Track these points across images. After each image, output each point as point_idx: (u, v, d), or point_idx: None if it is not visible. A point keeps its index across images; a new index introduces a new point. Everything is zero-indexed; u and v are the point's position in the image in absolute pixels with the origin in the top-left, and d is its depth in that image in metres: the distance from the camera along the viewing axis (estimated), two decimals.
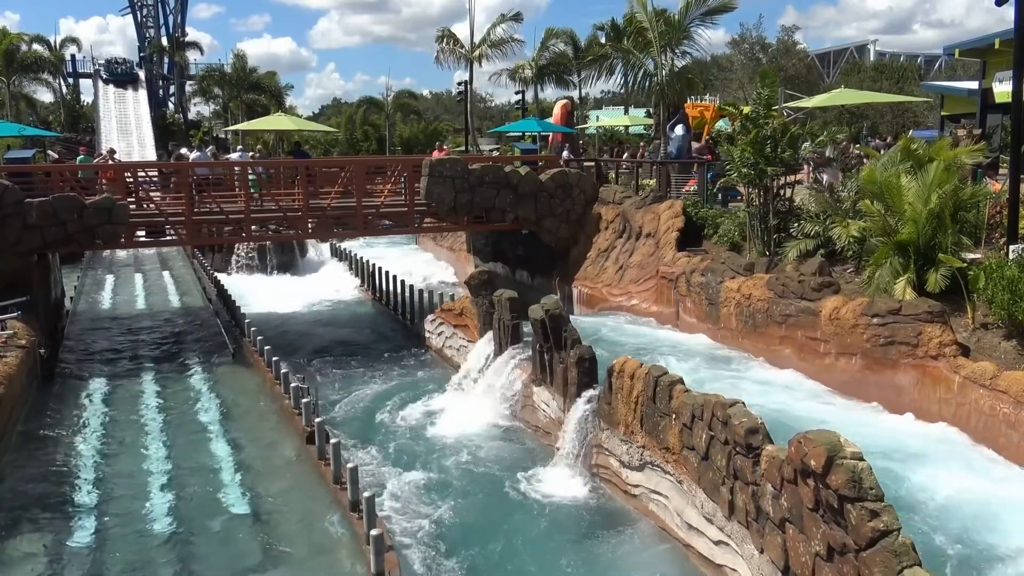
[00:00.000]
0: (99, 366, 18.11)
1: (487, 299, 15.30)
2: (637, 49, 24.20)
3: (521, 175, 21.21)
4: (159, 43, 65.61)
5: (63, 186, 18.66)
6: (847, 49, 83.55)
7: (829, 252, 15.01)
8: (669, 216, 19.12)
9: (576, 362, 11.75)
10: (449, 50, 42.54)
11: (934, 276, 12.30)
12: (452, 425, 13.46)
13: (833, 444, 6.57)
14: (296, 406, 12.89)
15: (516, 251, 24.23)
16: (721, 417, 8.33)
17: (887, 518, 6.17)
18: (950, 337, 11.34)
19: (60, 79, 58.63)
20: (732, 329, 15.41)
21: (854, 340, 12.54)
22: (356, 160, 27.06)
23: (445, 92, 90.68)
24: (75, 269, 30.44)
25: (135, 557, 9.65)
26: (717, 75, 52.92)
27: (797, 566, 7.10)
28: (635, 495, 10.33)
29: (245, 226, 20.24)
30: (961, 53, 26.76)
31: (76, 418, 14.58)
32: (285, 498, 11.09)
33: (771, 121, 16.14)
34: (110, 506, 11.01)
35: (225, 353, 18.65)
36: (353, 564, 9.06)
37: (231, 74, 57.09)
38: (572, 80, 48.02)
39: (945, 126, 29.45)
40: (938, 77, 53.58)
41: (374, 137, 59.08)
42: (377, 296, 24.69)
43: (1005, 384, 10.30)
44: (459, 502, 10.73)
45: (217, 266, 29.23)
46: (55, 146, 40.20)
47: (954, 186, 13.19)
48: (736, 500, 8.15)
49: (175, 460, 12.62)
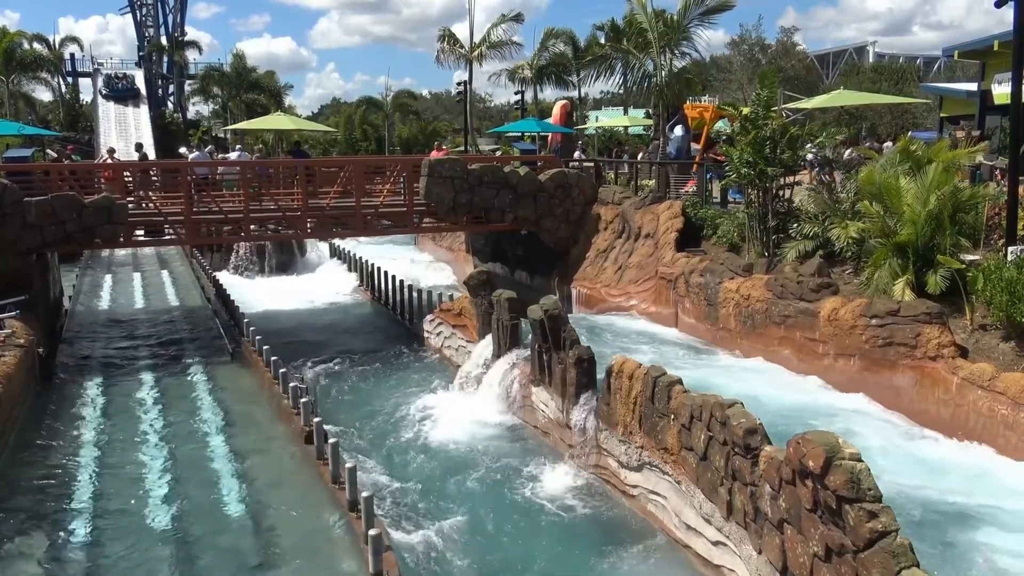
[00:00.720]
0: (97, 366, 18.08)
1: (486, 299, 15.30)
2: (637, 49, 24.25)
3: (520, 175, 21.22)
4: (158, 42, 65.58)
5: (62, 185, 18.66)
6: (846, 50, 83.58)
7: (828, 253, 15.02)
8: (668, 217, 19.13)
9: (575, 362, 11.75)
10: (449, 50, 42.59)
11: (933, 277, 12.31)
12: (450, 425, 13.46)
13: (831, 445, 6.57)
14: (295, 406, 12.89)
15: (515, 251, 24.23)
16: (720, 418, 8.33)
17: (885, 519, 6.18)
18: (949, 338, 11.35)
19: (59, 78, 58.62)
20: (731, 330, 15.41)
21: (853, 341, 12.55)
22: (355, 160, 27.07)
23: (445, 92, 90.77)
24: (73, 268, 30.42)
25: (133, 557, 9.63)
26: (716, 76, 52.96)
27: (795, 567, 7.11)
28: (633, 495, 10.33)
29: (244, 226, 20.24)
30: (960, 55, 26.79)
31: (74, 418, 14.56)
32: (283, 498, 11.08)
33: (770, 122, 16.15)
34: (108, 506, 10.99)
35: (224, 353, 18.64)
36: (351, 564, 9.06)
37: (230, 74, 57.09)
38: (571, 80, 48.13)
39: (944, 128, 29.48)
40: (937, 79, 53.57)
41: (373, 137, 59.08)
42: (376, 296, 24.69)
43: (1003, 385, 10.32)
44: (457, 502, 10.73)
45: (216, 266, 29.20)
46: (54, 145, 40.20)
47: (953, 187, 13.21)
48: (734, 501, 8.15)
49: (173, 460, 12.60)
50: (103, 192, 18.98)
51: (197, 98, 63.14)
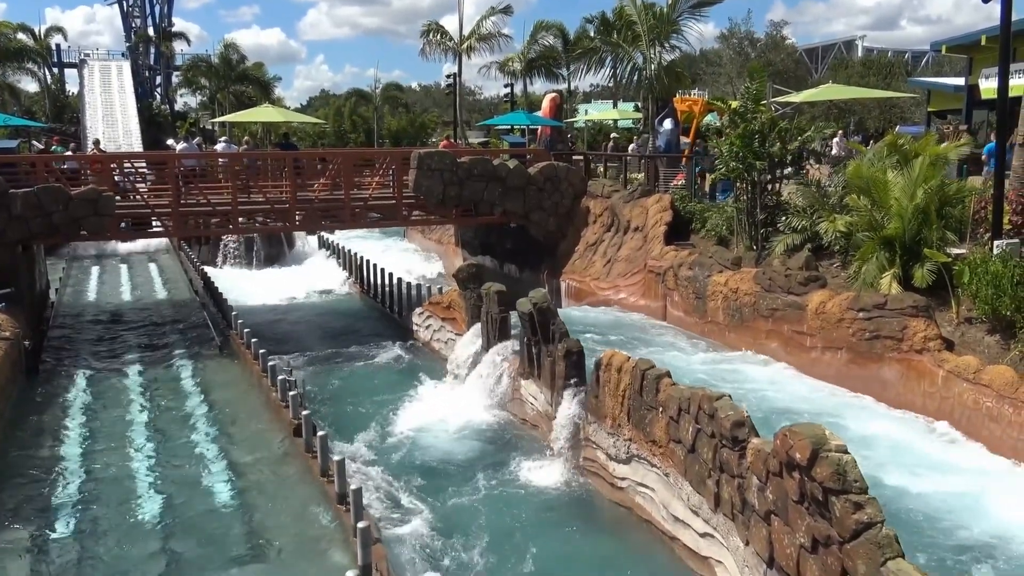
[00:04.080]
0: (84, 359, 17.99)
1: (475, 292, 15.29)
2: (626, 43, 24.25)
3: (510, 168, 21.20)
4: (145, 33, 65.03)
5: (48, 177, 18.52)
6: (835, 44, 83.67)
7: (816, 247, 15.08)
8: (657, 210, 19.15)
9: (564, 355, 11.76)
10: (436, 42, 42.44)
11: (920, 271, 12.38)
12: (439, 418, 13.45)
13: (818, 437, 6.61)
14: (283, 399, 12.85)
15: (504, 244, 24.22)
16: (707, 410, 8.36)
17: (871, 510, 6.22)
18: (935, 331, 11.43)
19: (45, 69, 58.08)
20: (719, 323, 15.47)
21: (840, 334, 12.62)
22: (344, 152, 26.98)
23: (434, 85, 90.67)
24: (60, 260, 30.22)
25: (121, 550, 9.60)
26: (705, 69, 53.00)
27: (782, 558, 7.15)
28: (622, 488, 10.36)
29: (232, 218, 20.15)
30: (948, 49, 26.91)
31: (61, 411, 14.48)
32: (272, 491, 11.07)
33: (759, 116, 16.19)
34: (95, 499, 10.95)
35: (212, 346, 18.57)
36: (340, 557, 9.06)
37: (218, 65, 56.68)
38: (561, 73, 48.04)
39: (932, 122, 29.62)
40: (925, 73, 53.79)
41: (362, 129, 58.88)
42: (365, 289, 24.64)
43: (988, 378, 10.41)
44: (446, 494, 10.73)
45: (204, 258, 29.08)
46: (40, 136, 39.88)
47: (940, 182, 13.28)
48: (722, 493, 8.19)
49: (161, 453, 12.56)
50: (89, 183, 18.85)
51: (184, 90, 62.71)
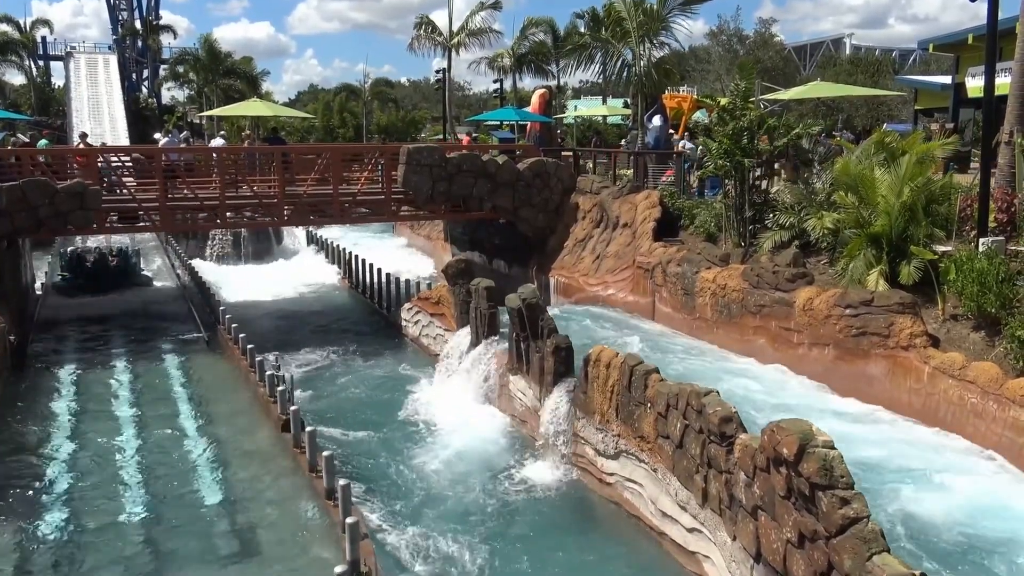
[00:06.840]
0: (70, 354, 17.88)
1: (464, 288, 15.28)
2: (616, 39, 24.24)
3: (499, 164, 21.17)
4: (132, 26, 64.51)
5: (33, 170, 18.36)
6: (823, 42, 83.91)
7: (804, 243, 15.13)
8: (646, 206, 19.17)
9: (552, 351, 11.79)
10: (426, 37, 42.33)
11: (906, 268, 12.45)
12: (428, 413, 13.46)
13: (805, 433, 6.65)
14: (271, 394, 12.82)
15: (493, 240, 24.21)
16: (696, 406, 8.40)
17: (857, 505, 6.27)
18: (921, 328, 11.50)
19: (31, 61, 57.57)
20: (707, 319, 15.52)
21: (827, 331, 12.68)
22: (333, 147, 26.85)
23: (424, 80, 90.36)
24: (46, 255, 29.97)
25: (108, 545, 9.57)
26: (695, 66, 53.09)
27: (769, 553, 7.20)
28: (610, 483, 10.39)
29: (220, 213, 20.03)
30: (935, 48, 27.11)
31: (47, 406, 14.40)
32: (260, 486, 11.05)
33: (748, 113, 16.23)
34: (82, 494, 10.90)
35: (199, 341, 18.49)
36: (328, 552, 9.06)
37: (204, 59, 56.24)
38: (551, 69, 48.01)
39: (919, 120, 29.80)
40: (912, 71, 54.05)
41: (351, 124, 58.64)
42: (353, 284, 24.58)
43: (973, 374, 10.49)
44: (434, 490, 10.75)
45: (192, 253, 28.92)
46: (26, 130, 39.52)
47: (926, 179, 13.36)
48: (710, 488, 8.23)
49: (148, 448, 12.52)
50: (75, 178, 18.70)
51: (171, 83, 62.24)
